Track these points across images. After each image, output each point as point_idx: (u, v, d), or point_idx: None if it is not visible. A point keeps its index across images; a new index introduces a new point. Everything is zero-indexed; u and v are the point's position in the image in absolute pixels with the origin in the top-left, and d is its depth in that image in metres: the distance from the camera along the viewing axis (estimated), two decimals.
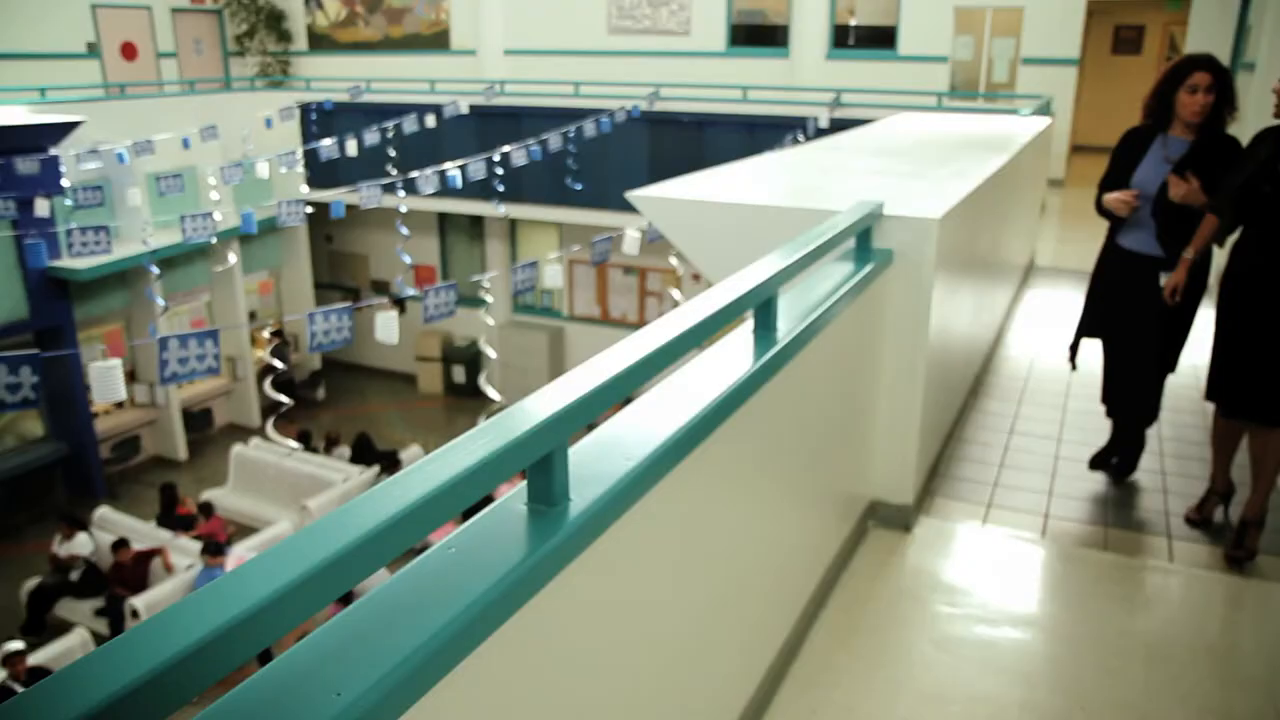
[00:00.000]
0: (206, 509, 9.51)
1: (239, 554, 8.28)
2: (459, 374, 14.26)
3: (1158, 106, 3.37)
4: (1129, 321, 3.60)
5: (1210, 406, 3.46)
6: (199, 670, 0.83)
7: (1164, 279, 3.34)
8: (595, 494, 1.45)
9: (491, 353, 9.50)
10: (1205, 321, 3.40)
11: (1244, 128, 3.69)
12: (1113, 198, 3.42)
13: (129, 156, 10.31)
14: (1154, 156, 3.40)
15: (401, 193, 9.80)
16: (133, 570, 8.26)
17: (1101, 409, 3.86)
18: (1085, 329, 3.80)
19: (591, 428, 1.68)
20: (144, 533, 9.02)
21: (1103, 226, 3.65)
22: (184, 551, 8.60)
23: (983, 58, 12.85)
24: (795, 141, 10.19)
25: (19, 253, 10.05)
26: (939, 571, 3.12)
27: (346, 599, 4.29)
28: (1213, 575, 3.13)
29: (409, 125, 11.22)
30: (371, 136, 10.83)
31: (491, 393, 8.37)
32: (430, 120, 11.35)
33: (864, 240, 2.99)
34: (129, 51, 15.09)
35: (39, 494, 10.92)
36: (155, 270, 9.80)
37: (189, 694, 0.83)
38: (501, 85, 13.15)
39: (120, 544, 8.32)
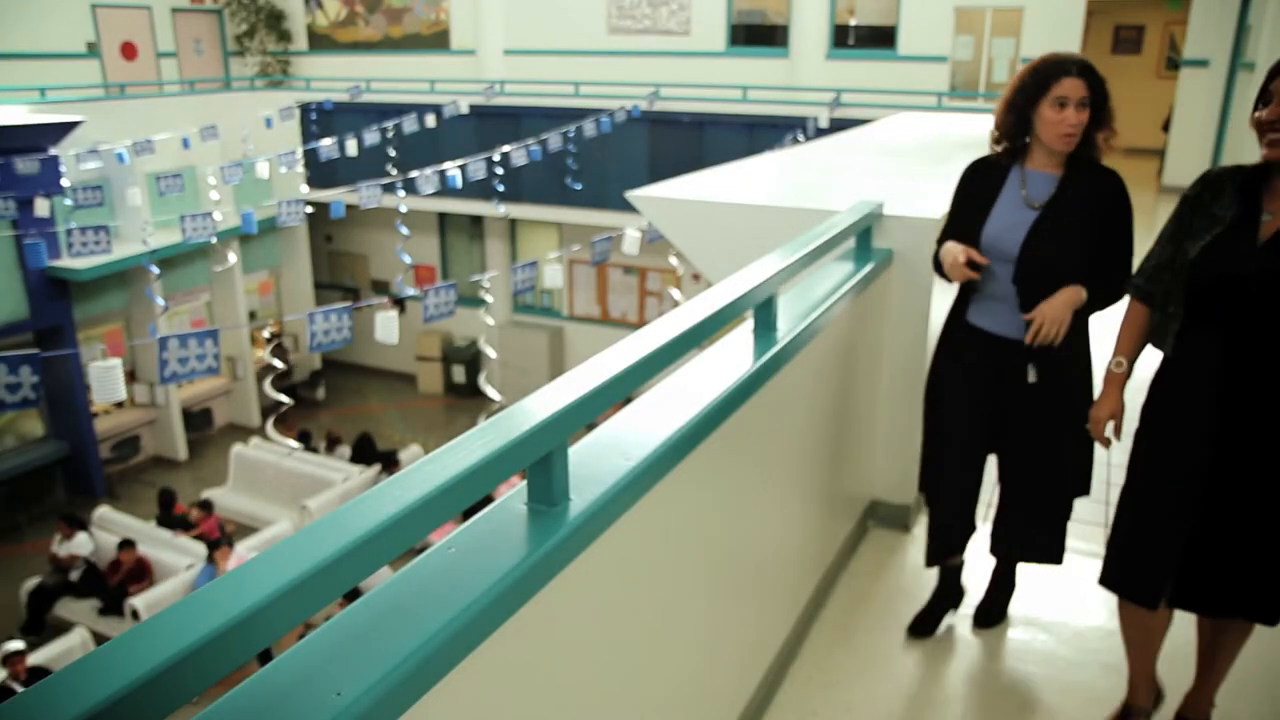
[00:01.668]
0: (206, 506, 9.52)
1: (239, 554, 8.28)
2: (459, 374, 14.26)
3: (1013, 127, 2.37)
4: (986, 438, 2.55)
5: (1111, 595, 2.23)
6: (199, 670, 0.83)
7: (1032, 370, 2.39)
8: (595, 494, 1.45)
9: (491, 353, 9.50)
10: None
11: (1239, 158, 3.47)
12: (950, 259, 2.40)
13: (129, 156, 10.30)
14: (1009, 200, 2.40)
15: (401, 192, 9.80)
16: (132, 571, 8.26)
17: None
18: (934, 470, 2.66)
19: (591, 428, 1.68)
20: (144, 532, 9.02)
21: None
22: (184, 551, 8.60)
23: (983, 58, 12.84)
24: (795, 141, 10.19)
25: (19, 253, 10.05)
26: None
27: (352, 596, 4.30)
28: None
29: (409, 125, 11.22)
30: (371, 136, 10.83)
31: (491, 393, 8.37)
32: (430, 120, 11.35)
33: (864, 240, 2.99)
34: (129, 51, 15.08)
35: (39, 494, 10.92)
36: (155, 270, 9.79)
37: (189, 694, 0.83)
38: (501, 85, 13.15)
39: (126, 544, 8.32)
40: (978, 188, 2.50)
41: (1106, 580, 2.16)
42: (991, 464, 2.62)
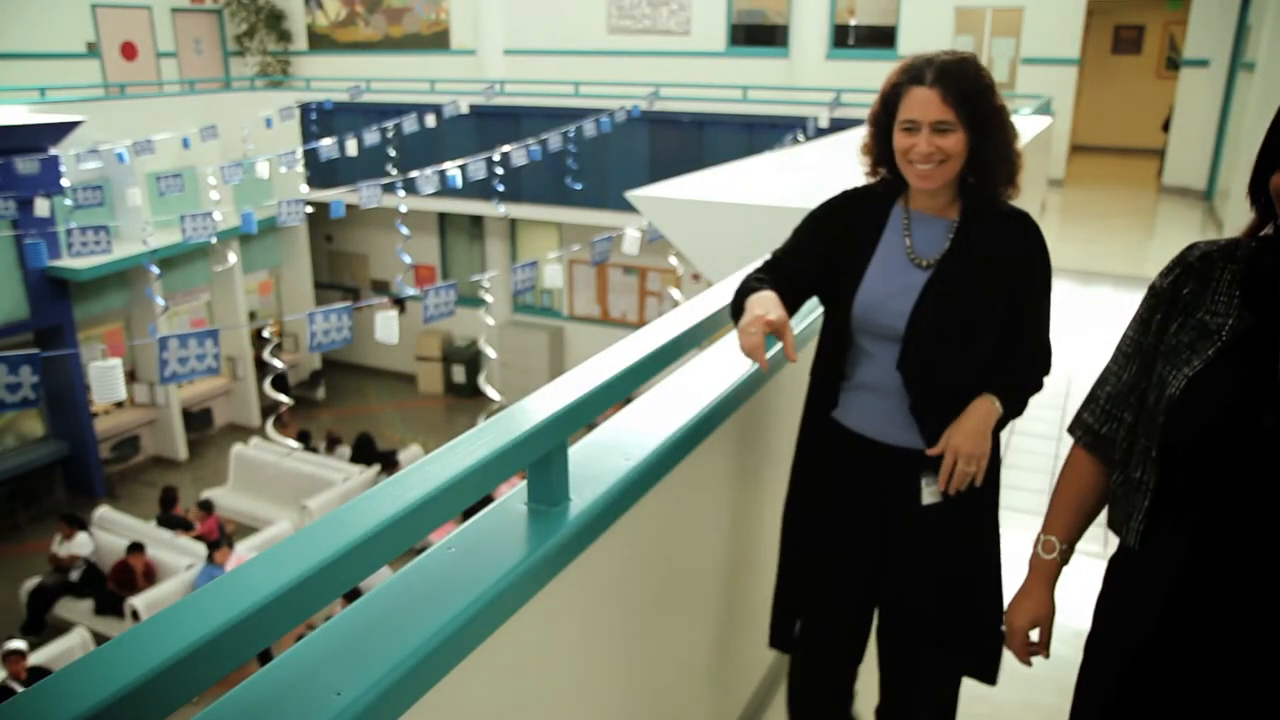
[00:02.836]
0: (206, 506, 9.52)
1: (239, 554, 8.28)
2: (459, 374, 14.26)
3: (881, 151, 1.74)
4: (870, 587, 1.87)
5: None
6: (199, 670, 0.83)
7: (929, 488, 1.73)
8: (595, 494, 1.45)
9: (491, 353, 9.49)
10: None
11: (1238, 158, 3.28)
12: (746, 317, 1.57)
13: (129, 156, 10.31)
14: (890, 254, 1.74)
15: (401, 192, 9.80)
16: (133, 573, 8.26)
17: None
18: (791, 609, 1.99)
19: (591, 428, 1.68)
20: (144, 532, 9.01)
21: (1106, 230, 3.22)
22: (184, 551, 8.60)
23: (983, 58, 12.82)
24: (795, 141, 10.19)
25: (19, 253, 10.05)
26: None
27: (352, 596, 4.30)
28: None
29: (409, 125, 11.22)
30: (371, 136, 10.84)
31: (491, 393, 8.37)
32: (430, 120, 11.35)
33: None
34: (129, 51, 15.08)
35: (39, 494, 10.92)
36: (155, 270, 9.79)
37: (189, 694, 0.83)
38: (501, 85, 13.15)
39: (135, 547, 8.31)
40: (847, 230, 1.77)
41: None
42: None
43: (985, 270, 1.69)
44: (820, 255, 1.78)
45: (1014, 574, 1.76)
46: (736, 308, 1.68)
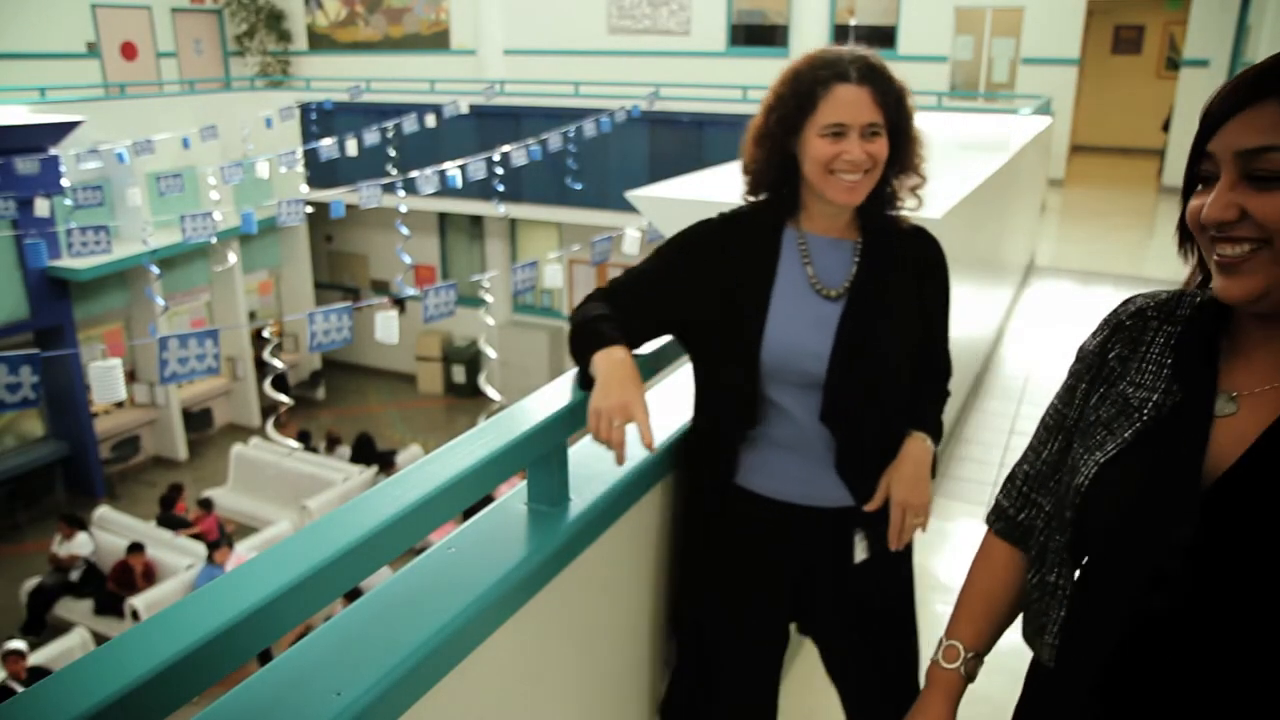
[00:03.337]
0: (206, 505, 9.52)
1: (239, 554, 8.28)
2: (459, 374, 14.26)
3: (769, 169, 1.50)
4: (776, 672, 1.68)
5: None
6: (199, 670, 0.83)
7: (862, 543, 1.53)
8: (595, 494, 1.45)
9: (491, 353, 9.49)
10: None
11: None
12: (612, 403, 1.31)
13: (129, 156, 10.30)
14: (791, 286, 1.48)
15: (401, 192, 9.80)
16: (133, 574, 8.26)
17: None
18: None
19: None
20: (144, 532, 9.01)
21: (1106, 230, 3.17)
22: (184, 551, 8.60)
23: (983, 58, 12.85)
24: None
25: (19, 253, 10.05)
26: (939, 571, 3.11)
27: (352, 596, 4.29)
28: None
29: (409, 125, 11.21)
30: (371, 136, 10.83)
31: (491, 393, 8.37)
32: (430, 120, 11.35)
33: None
34: (129, 51, 15.09)
35: (39, 494, 10.92)
36: (155, 270, 9.79)
37: (189, 694, 0.83)
38: (501, 85, 13.15)
39: (135, 548, 8.31)
40: (732, 263, 1.49)
41: None
42: None
43: (898, 293, 1.51)
44: (692, 293, 1.49)
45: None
46: (581, 355, 1.40)
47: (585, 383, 1.40)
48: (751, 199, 1.55)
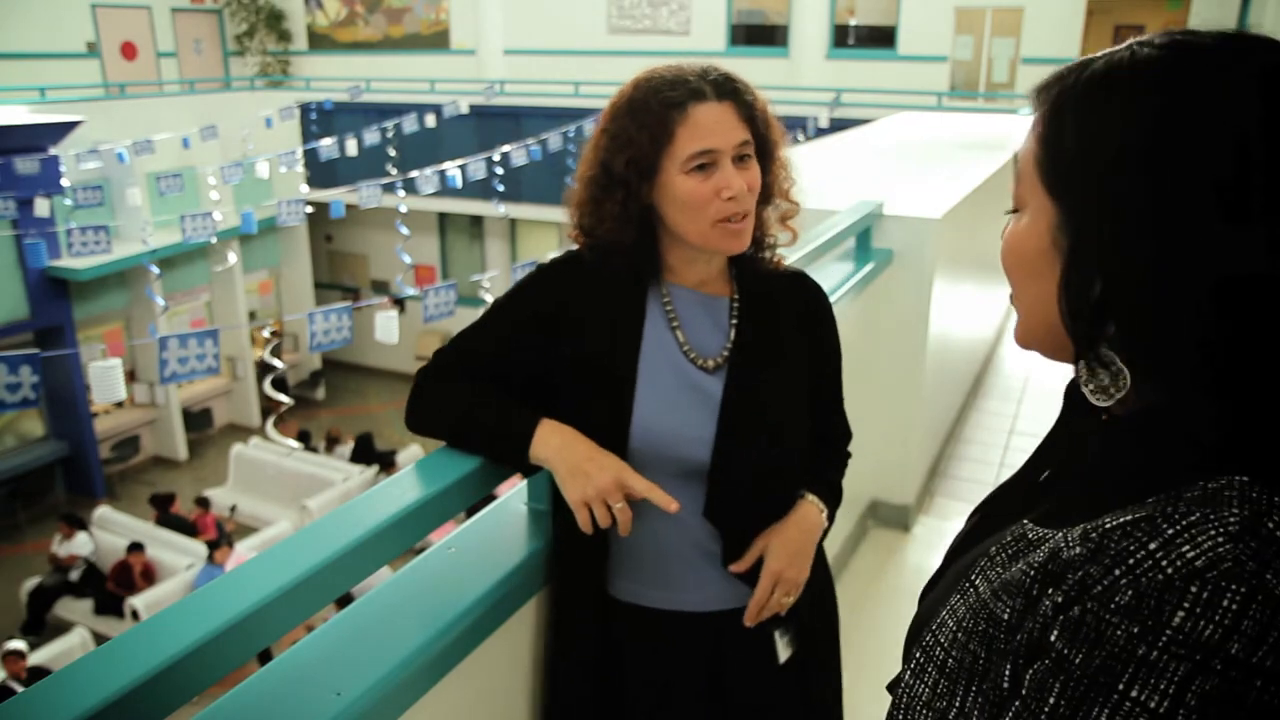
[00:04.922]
0: (203, 503, 9.52)
1: (239, 553, 8.28)
2: None
3: (615, 220, 1.19)
4: None
5: None
6: (199, 670, 0.83)
7: (784, 639, 1.28)
8: None
9: None
10: None
11: None
12: (602, 480, 1.13)
13: (129, 156, 10.31)
14: (660, 355, 1.22)
15: (401, 192, 9.80)
16: (132, 574, 8.26)
17: None
18: None
19: None
20: (144, 532, 9.02)
21: None
22: (184, 551, 8.61)
23: (983, 58, 12.85)
24: (795, 141, 10.19)
25: (19, 253, 10.05)
26: None
27: (343, 603, 4.29)
28: None
29: (409, 125, 11.22)
30: (371, 136, 10.83)
31: None
32: (430, 120, 11.35)
33: (864, 240, 2.99)
34: (129, 51, 15.08)
35: (39, 494, 10.92)
36: (155, 270, 9.79)
37: (189, 694, 0.83)
38: (501, 85, 13.16)
39: (135, 547, 8.31)
40: (582, 326, 1.22)
41: None
42: None
43: (784, 357, 1.26)
44: (536, 361, 1.23)
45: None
46: (506, 449, 1.18)
47: (527, 469, 1.21)
48: (607, 242, 1.21)
